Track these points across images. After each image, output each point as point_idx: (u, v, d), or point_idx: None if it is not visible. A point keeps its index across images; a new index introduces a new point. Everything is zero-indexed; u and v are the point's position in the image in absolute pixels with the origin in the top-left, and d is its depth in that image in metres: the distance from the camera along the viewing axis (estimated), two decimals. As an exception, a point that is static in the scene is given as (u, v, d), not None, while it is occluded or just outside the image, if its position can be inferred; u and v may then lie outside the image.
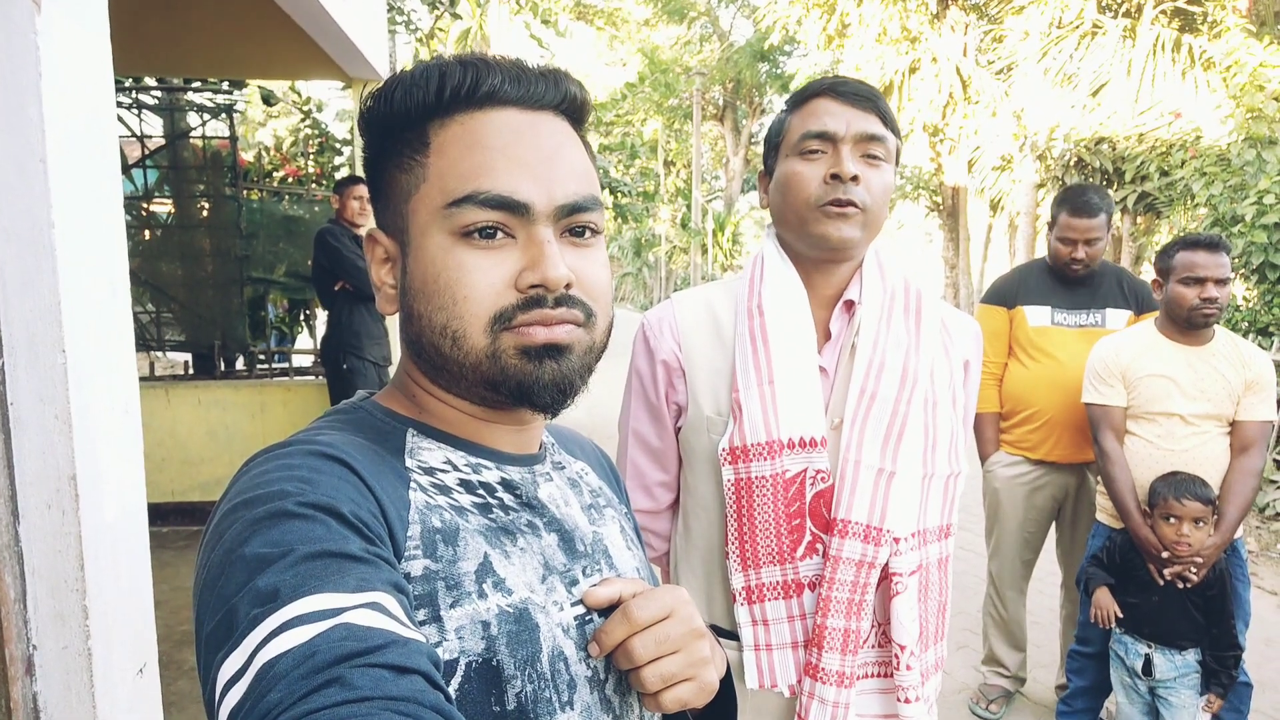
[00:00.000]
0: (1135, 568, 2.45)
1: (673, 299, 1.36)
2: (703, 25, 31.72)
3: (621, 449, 1.40)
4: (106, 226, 1.30)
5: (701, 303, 1.33)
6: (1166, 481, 2.38)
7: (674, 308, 1.33)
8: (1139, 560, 2.44)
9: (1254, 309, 6.23)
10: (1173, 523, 2.33)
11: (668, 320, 1.31)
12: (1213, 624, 2.35)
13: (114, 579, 1.29)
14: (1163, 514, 2.35)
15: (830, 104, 1.20)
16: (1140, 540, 2.41)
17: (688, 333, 1.30)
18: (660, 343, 1.30)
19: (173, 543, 4.72)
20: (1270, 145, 6.33)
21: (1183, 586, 2.35)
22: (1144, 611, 2.42)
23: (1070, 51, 10.77)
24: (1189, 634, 2.37)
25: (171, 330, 6.03)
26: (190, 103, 6.15)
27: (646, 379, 1.32)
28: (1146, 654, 2.41)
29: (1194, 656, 2.38)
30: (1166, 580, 2.37)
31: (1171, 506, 2.33)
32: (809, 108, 1.23)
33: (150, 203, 6.00)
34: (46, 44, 1.14)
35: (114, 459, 1.30)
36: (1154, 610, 2.40)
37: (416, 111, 0.65)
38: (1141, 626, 2.42)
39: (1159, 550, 2.36)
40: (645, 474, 1.37)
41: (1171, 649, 2.38)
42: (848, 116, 1.19)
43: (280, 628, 0.46)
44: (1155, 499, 2.38)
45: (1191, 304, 2.40)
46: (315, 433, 0.64)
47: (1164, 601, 2.38)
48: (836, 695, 1.18)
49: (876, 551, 1.17)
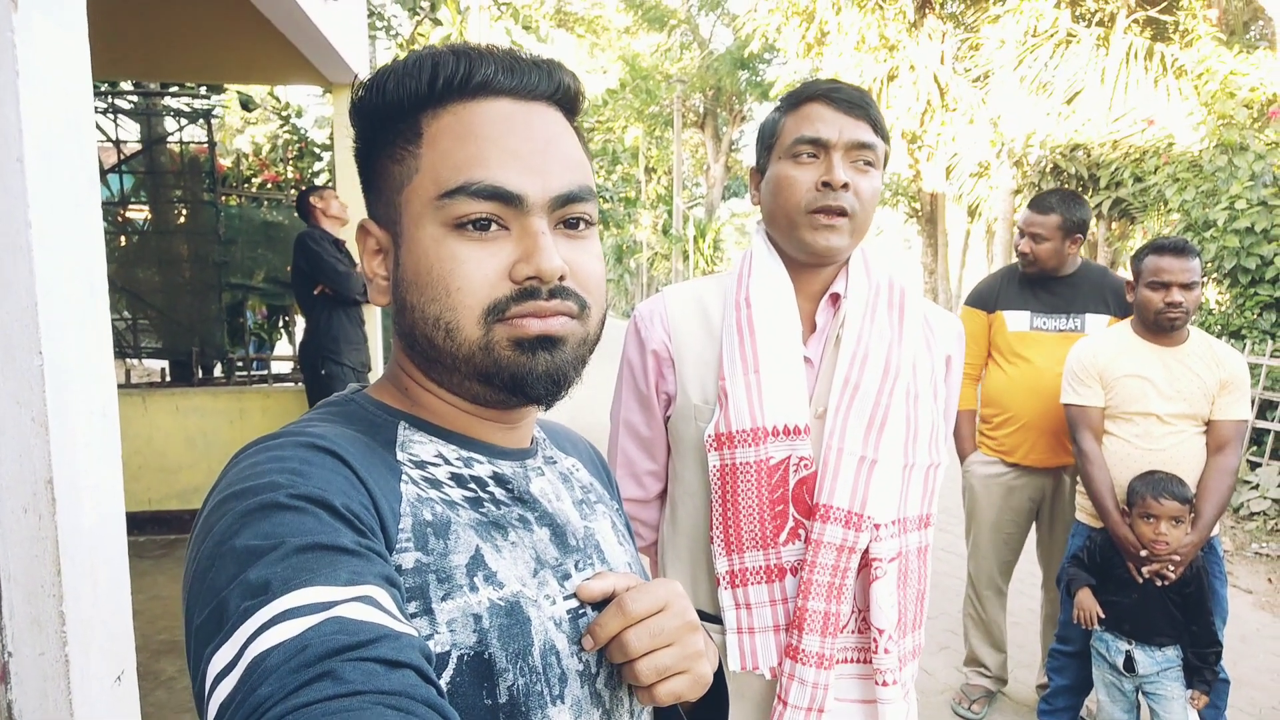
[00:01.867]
0: (1115, 566, 2.48)
1: (663, 292, 1.39)
2: (683, 33, 31.87)
3: (613, 438, 1.43)
4: (85, 227, 1.28)
5: (691, 296, 1.36)
6: (1144, 481, 2.41)
7: (665, 300, 1.36)
8: (1118, 559, 2.47)
9: (1226, 312, 6.33)
10: (1150, 521, 2.35)
11: (658, 312, 1.34)
12: (1192, 621, 2.38)
13: (92, 584, 1.27)
14: (1141, 513, 2.38)
15: (824, 110, 1.23)
16: (1119, 539, 2.44)
17: (678, 324, 1.33)
18: (651, 333, 1.33)
19: (149, 552, 4.65)
20: (1241, 151, 6.45)
21: (1160, 584, 2.38)
22: (1124, 609, 2.44)
23: (1045, 60, 10.93)
24: (1168, 630, 2.39)
25: (148, 337, 5.97)
26: (167, 108, 6.09)
27: (637, 369, 1.36)
28: (1127, 651, 2.44)
29: (1174, 651, 2.41)
30: (1145, 578, 2.40)
31: (1149, 506, 2.36)
32: (803, 111, 1.25)
33: (126, 208, 5.94)
34: (23, 42, 1.13)
35: (92, 463, 1.28)
36: (1133, 608, 2.43)
37: (409, 101, 0.64)
38: (1121, 624, 2.44)
39: (1137, 549, 2.39)
40: (635, 463, 1.40)
41: (1151, 645, 2.41)
42: (840, 124, 1.21)
43: (271, 621, 0.46)
44: (1133, 498, 2.41)
45: (1157, 307, 2.45)
46: (306, 424, 0.63)
47: (1143, 599, 2.41)
48: (816, 676, 1.21)
49: (857, 537, 1.20)
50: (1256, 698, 3.20)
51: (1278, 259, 5.85)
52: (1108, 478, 2.51)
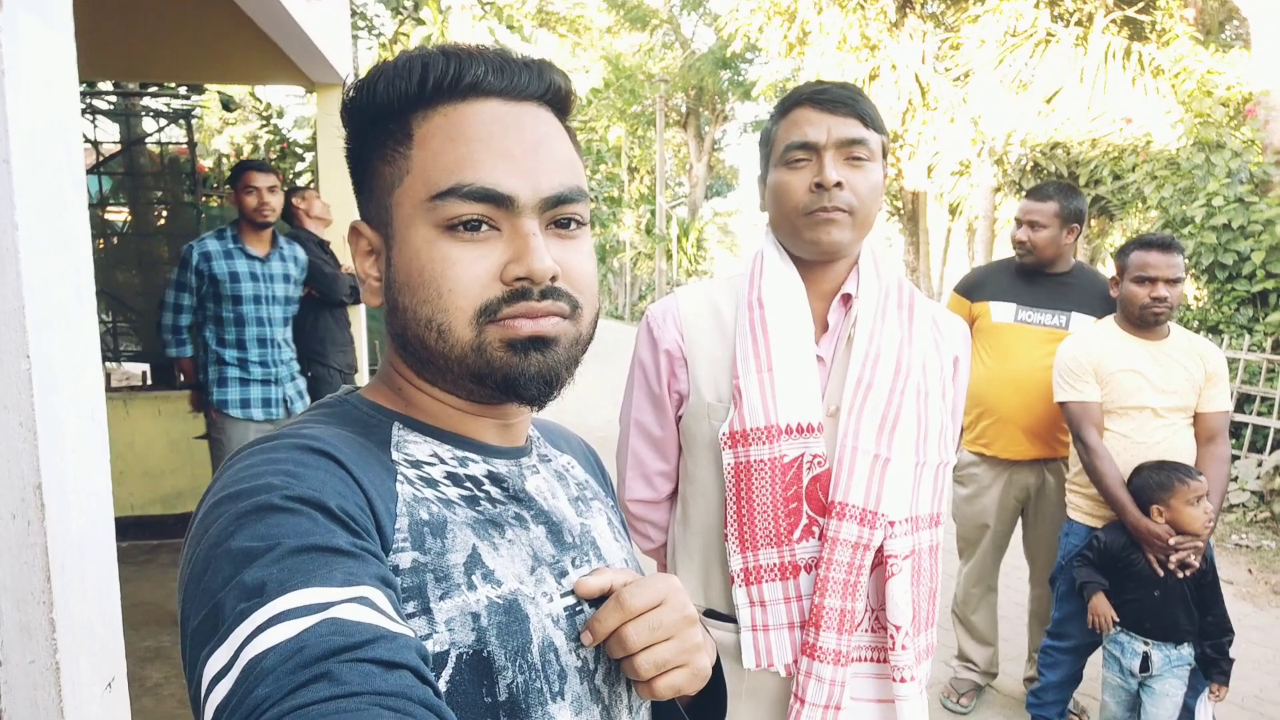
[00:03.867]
0: (1132, 564, 2.41)
1: (676, 293, 1.41)
2: (665, 33, 31.89)
3: (623, 439, 1.44)
4: (71, 229, 1.26)
5: (703, 296, 1.38)
6: (1162, 470, 2.37)
7: (677, 301, 1.38)
8: (1136, 555, 2.41)
9: (1204, 308, 6.41)
10: (1197, 504, 2.31)
11: (671, 312, 1.36)
12: (1206, 612, 2.36)
13: (81, 591, 1.25)
14: (1185, 500, 2.31)
15: (810, 113, 1.25)
16: (1143, 532, 2.37)
17: (690, 324, 1.34)
18: (664, 333, 1.35)
19: (133, 558, 4.60)
20: (1218, 149, 6.53)
21: (1183, 575, 2.33)
22: (1145, 607, 2.38)
23: (1025, 59, 11.03)
24: (1188, 626, 2.36)
25: (129, 340, 5.90)
26: (146, 108, 6.02)
27: (650, 369, 1.37)
28: (1144, 651, 2.39)
29: (1189, 650, 2.37)
30: (1167, 570, 2.35)
31: (1192, 488, 2.31)
32: (791, 117, 1.27)
33: (105, 210, 5.87)
34: (9, 41, 1.11)
35: (80, 467, 1.26)
36: (1155, 605, 2.37)
37: (399, 102, 0.64)
38: (1142, 623, 2.38)
39: (1165, 540, 2.33)
40: (646, 463, 1.41)
41: (1169, 644, 2.37)
42: (828, 124, 1.23)
43: (267, 622, 0.46)
44: (1163, 489, 2.35)
45: (1142, 302, 2.47)
46: (300, 426, 0.63)
47: (1165, 595, 2.36)
48: (833, 674, 1.22)
49: (871, 534, 1.21)
50: (1239, 686, 3.25)
51: (1254, 255, 5.93)
52: (1117, 472, 2.48)
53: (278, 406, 3.64)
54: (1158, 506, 2.36)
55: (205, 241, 3.59)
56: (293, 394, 3.72)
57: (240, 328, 3.55)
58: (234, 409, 3.56)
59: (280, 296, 3.66)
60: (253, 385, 3.58)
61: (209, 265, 3.52)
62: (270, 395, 3.62)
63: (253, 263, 3.58)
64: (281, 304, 3.68)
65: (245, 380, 3.57)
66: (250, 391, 3.58)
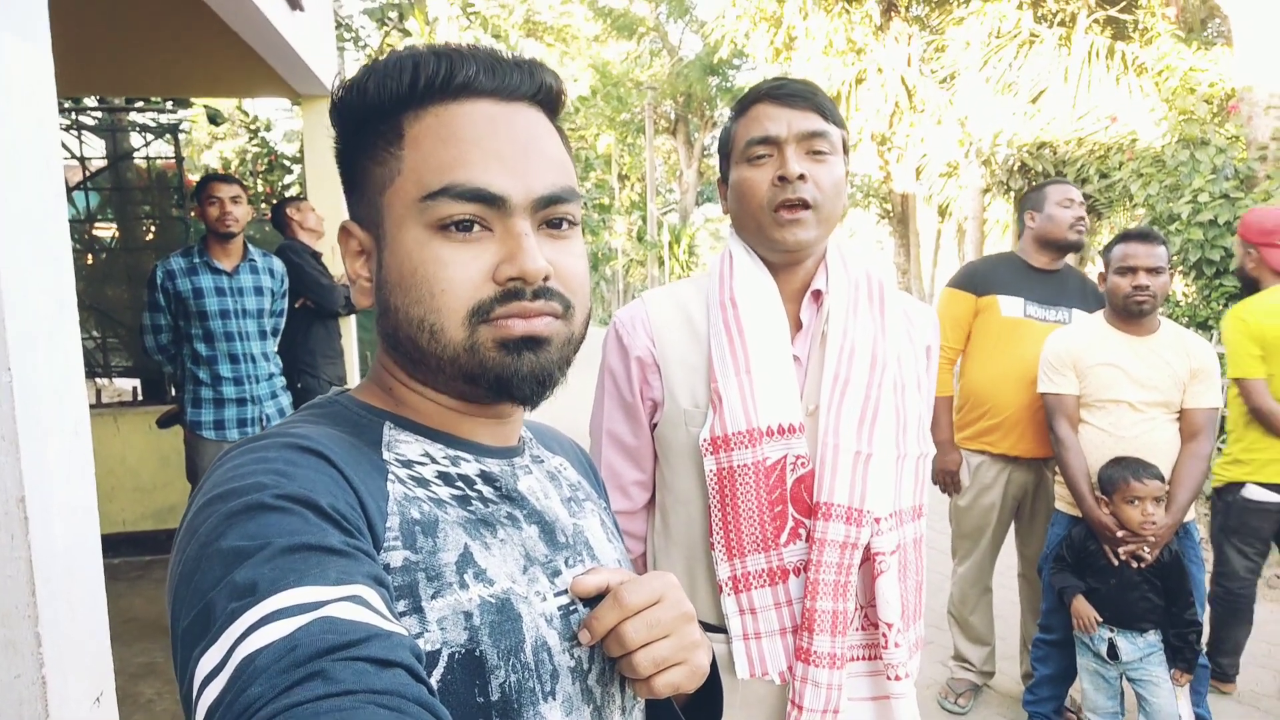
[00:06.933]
0: (1093, 555, 2.51)
1: (643, 297, 1.37)
2: (652, 40, 31.99)
3: (594, 451, 1.40)
4: (51, 242, 1.26)
5: (671, 300, 1.35)
6: (1119, 466, 2.44)
7: (645, 305, 1.35)
8: (1096, 546, 2.50)
9: (1193, 304, 6.44)
10: (1136, 504, 2.38)
11: (640, 317, 1.33)
12: (1172, 603, 2.41)
13: (68, 605, 1.25)
14: (1125, 497, 2.40)
15: (770, 108, 1.25)
16: (1094, 522, 2.49)
17: (661, 328, 1.31)
18: (634, 340, 1.31)
19: (124, 574, 4.58)
20: (1202, 146, 6.57)
21: (1137, 566, 2.41)
22: (1103, 595, 2.47)
23: (1010, 60, 11.08)
24: (1148, 615, 2.42)
25: (119, 356, 5.87)
26: (133, 123, 6.01)
27: (620, 377, 1.33)
28: (1110, 638, 2.47)
29: (1155, 636, 2.43)
30: (1121, 561, 2.43)
31: (1134, 489, 2.38)
32: (751, 114, 1.27)
33: (93, 226, 5.85)
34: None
35: (64, 481, 1.26)
36: (1112, 594, 2.46)
37: (390, 103, 0.64)
38: (1102, 610, 2.47)
39: (1113, 531, 2.43)
40: (621, 474, 1.37)
41: (1132, 631, 2.44)
42: (788, 118, 1.23)
43: (260, 621, 0.45)
44: (1112, 483, 2.44)
45: (1125, 292, 2.51)
46: (291, 425, 0.63)
47: (1121, 584, 2.44)
48: (829, 677, 1.20)
49: (858, 532, 1.20)
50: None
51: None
52: (1083, 464, 2.56)
53: (254, 426, 3.50)
54: (1104, 500, 2.48)
55: (170, 260, 3.47)
56: (273, 413, 3.57)
57: (210, 344, 3.42)
58: (207, 430, 3.44)
59: (252, 310, 3.51)
60: (227, 405, 3.45)
61: (173, 283, 3.40)
62: (246, 415, 3.48)
63: (218, 277, 3.45)
64: (254, 318, 3.52)
65: (219, 400, 3.44)
66: (225, 412, 3.45)
